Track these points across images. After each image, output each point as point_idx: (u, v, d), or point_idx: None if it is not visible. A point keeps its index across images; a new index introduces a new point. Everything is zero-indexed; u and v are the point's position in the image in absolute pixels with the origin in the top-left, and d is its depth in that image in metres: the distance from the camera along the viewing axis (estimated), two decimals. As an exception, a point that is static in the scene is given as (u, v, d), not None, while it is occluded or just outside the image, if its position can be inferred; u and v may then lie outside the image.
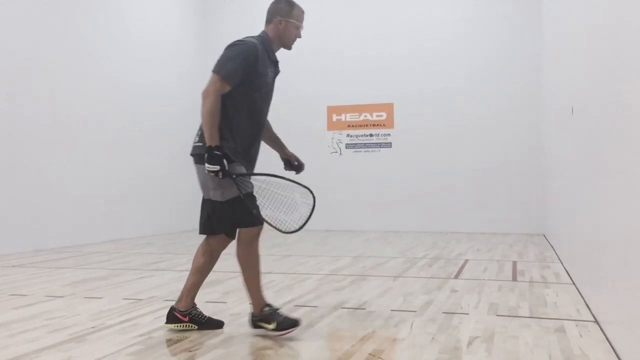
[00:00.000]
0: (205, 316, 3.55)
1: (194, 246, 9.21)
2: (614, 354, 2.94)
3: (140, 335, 3.37)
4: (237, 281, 5.26)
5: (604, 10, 3.37)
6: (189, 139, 11.75)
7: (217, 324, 3.55)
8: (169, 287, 4.97)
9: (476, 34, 10.68)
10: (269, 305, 3.39)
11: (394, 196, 10.93)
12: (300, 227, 3.30)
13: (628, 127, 2.65)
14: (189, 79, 11.55)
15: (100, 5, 9.41)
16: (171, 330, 3.48)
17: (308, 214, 3.27)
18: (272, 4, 3.55)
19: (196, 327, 3.48)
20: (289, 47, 3.58)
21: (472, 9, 10.76)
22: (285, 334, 3.29)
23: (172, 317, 3.49)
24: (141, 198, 10.10)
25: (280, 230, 3.29)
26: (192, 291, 3.55)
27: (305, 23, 3.61)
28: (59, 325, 3.65)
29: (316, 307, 4.14)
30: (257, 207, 3.33)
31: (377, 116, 11.13)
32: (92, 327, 3.57)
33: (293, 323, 3.32)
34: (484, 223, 10.36)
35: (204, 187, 3.44)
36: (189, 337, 3.34)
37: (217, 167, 3.17)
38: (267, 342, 3.23)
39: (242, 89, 3.34)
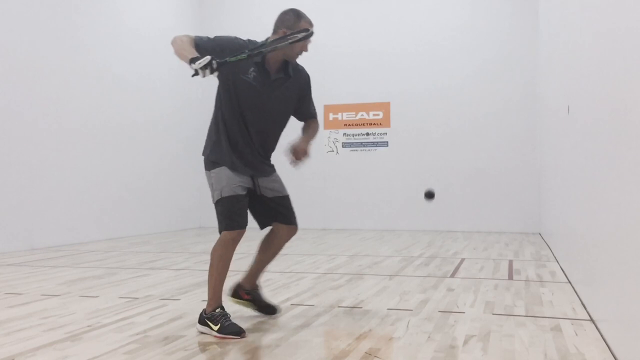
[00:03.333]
0: (265, 302, 3.84)
1: (190, 245, 9.22)
2: (609, 352, 2.95)
3: (137, 334, 3.37)
4: (233, 280, 5.26)
5: (599, 10, 3.38)
6: (186, 137, 11.74)
7: (273, 310, 3.82)
8: (165, 286, 4.97)
9: (473, 33, 10.69)
10: (222, 307, 3.40)
11: (390, 195, 10.94)
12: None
13: (623, 126, 2.66)
14: (185, 79, 11.54)
15: (96, 3, 9.38)
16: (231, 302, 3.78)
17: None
18: (281, 13, 3.49)
19: (256, 308, 3.81)
20: (292, 60, 3.51)
21: (469, 8, 10.77)
22: (225, 338, 3.24)
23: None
24: (137, 196, 10.08)
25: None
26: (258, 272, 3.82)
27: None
28: (54, 324, 3.64)
29: (312, 305, 4.15)
30: (238, 212, 3.37)
31: (374, 115, 11.13)
32: (88, 326, 3.56)
33: (237, 331, 3.27)
34: (480, 222, 10.38)
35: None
36: (185, 335, 3.34)
37: (208, 58, 3.04)
38: (264, 341, 3.23)
39: (225, 86, 3.42)
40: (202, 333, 3.36)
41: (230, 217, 3.35)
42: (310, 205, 11.01)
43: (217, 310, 3.35)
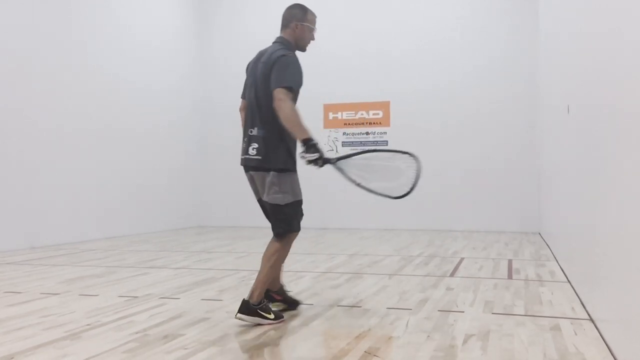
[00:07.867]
0: (291, 298, 4.01)
1: (190, 244, 9.19)
2: (608, 351, 2.95)
3: (136, 333, 3.37)
4: (233, 279, 5.27)
5: (599, 10, 3.38)
6: (185, 137, 11.69)
7: (297, 303, 4.01)
8: (165, 285, 4.97)
9: (473, 32, 10.68)
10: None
11: (390, 194, 10.91)
12: (411, 189, 3.56)
13: (622, 126, 2.66)
14: (189, 81, 11.67)
15: (100, 9, 9.39)
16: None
17: (414, 175, 3.51)
18: (287, 10, 3.80)
19: (286, 305, 3.92)
20: (303, 49, 3.81)
21: (469, 7, 10.76)
22: (278, 323, 3.56)
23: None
24: (137, 195, 10.08)
25: (391, 197, 3.56)
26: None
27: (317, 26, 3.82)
28: (54, 322, 3.64)
29: (312, 304, 4.15)
30: (301, 215, 3.72)
31: (374, 114, 11.13)
32: (88, 325, 3.56)
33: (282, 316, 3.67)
34: (480, 221, 10.37)
35: (269, 191, 3.60)
36: (185, 334, 3.34)
37: (317, 155, 3.38)
38: (262, 340, 3.23)
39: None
40: (250, 324, 3.51)
41: (298, 219, 3.70)
42: (310, 204, 10.97)
43: (264, 302, 3.58)
